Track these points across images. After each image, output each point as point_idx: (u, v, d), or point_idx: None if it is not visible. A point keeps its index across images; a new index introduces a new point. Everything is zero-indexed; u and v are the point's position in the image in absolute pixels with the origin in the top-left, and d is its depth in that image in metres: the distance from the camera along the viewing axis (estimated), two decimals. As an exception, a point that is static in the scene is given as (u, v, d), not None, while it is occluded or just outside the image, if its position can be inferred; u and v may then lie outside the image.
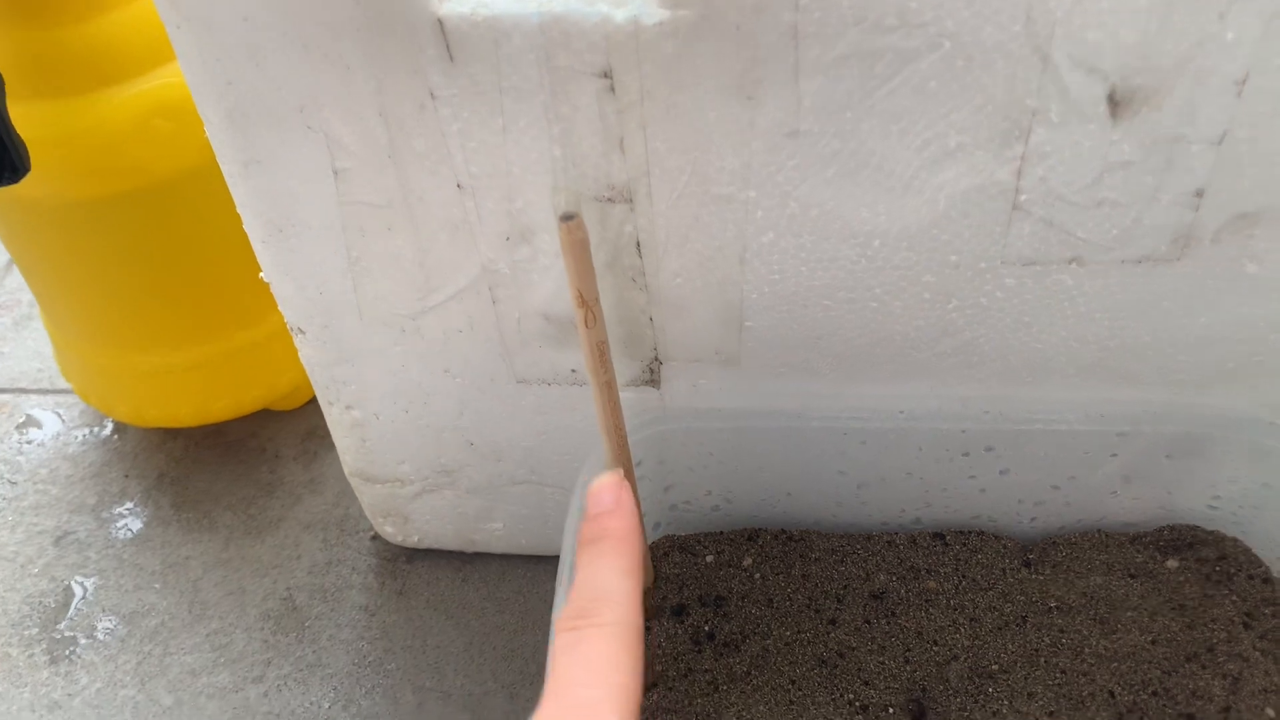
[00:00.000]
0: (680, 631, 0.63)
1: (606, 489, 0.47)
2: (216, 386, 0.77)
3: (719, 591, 0.65)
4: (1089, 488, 0.63)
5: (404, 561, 0.75)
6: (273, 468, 0.82)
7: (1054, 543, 0.66)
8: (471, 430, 0.64)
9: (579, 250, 0.49)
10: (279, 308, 0.59)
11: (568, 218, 0.48)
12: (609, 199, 0.51)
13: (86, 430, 0.85)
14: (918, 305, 0.55)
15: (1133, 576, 0.63)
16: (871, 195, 0.50)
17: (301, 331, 0.59)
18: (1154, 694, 0.58)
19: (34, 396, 0.88)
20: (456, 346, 0.59)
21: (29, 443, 0.84)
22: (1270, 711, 0.57)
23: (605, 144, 0.49)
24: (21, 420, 0.86)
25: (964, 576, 0.65)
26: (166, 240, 0.68)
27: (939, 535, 0.67)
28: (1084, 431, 0.60)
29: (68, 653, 0.71)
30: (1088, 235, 0.51)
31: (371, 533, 0.77)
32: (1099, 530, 0.66)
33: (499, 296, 0.56)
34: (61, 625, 0.72)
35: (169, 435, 0.84)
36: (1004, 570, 0.65)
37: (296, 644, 0.71)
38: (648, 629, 0.63)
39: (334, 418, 0.65)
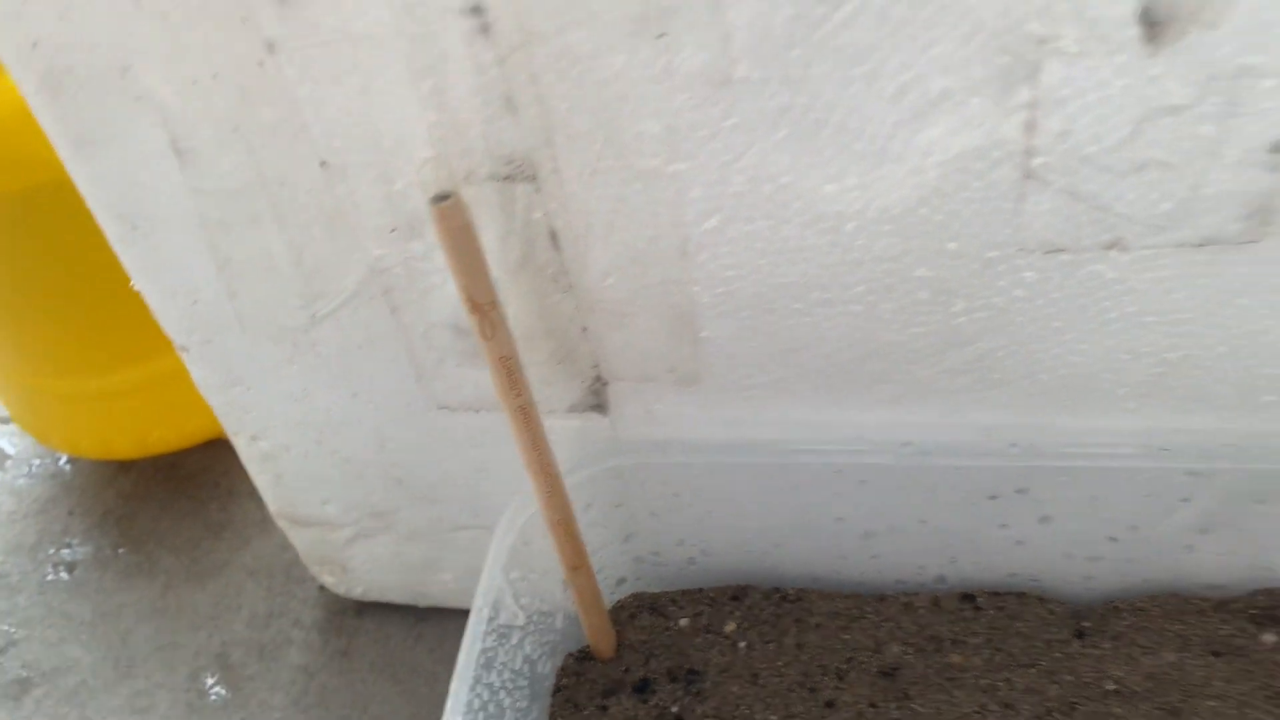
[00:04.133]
0: (642, 713, 0.52)
1: None
2: (152, 414, 0.69)
3: (693, 664, 0.54)
4: (1156, 540, 0.50)
5: (352, 615, 0.66)
6: (224, 505, 0.74)
7: (1115, 609, 0.52)
8: (397, 466, 0.55)
9: (461, 240, 0.39)
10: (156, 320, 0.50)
11: (441, 199, 0.38)
12: (507, 176, 0.41)
13: (39, 462, 0.78)
14: (913, 308, 0.43)
15: (1216, 654, 0.50)
16: (838, 163, 0.39)
17: (185, 349, 0.51)
18: (1243, 814, 0.45)
19: (-4, 426, 0.82)
20: (360, 365, 0.49)
21: (-23, 476, 0.78)
22: (1405, 845, 0.43)
23: (490, 104, 0.39)
24: (-26, 451, 0.80)
25: (998, 649, 0.52)
26: (75, 250, 0.61)
27: (968, 597, 0.54)
28: (1144, 469, 0.46)
29: (-23, 714, 0.63)
30: (1129, 210, 0.38)
31: (320, 582, 0.67)
32: (1173, 594, 0.52)
33: (397, 303, 0.46)
34: (-24, 682, 0.65)
35: (122, 468, 0.77)
36: (1049, 642, 0.52)
37: (223, 710, 0.62)
38: (604, 708, 0.52)
39: (243, 450, 0.56)
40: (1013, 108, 0.36)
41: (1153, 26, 0.34)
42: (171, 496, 0.74)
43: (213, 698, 0.63)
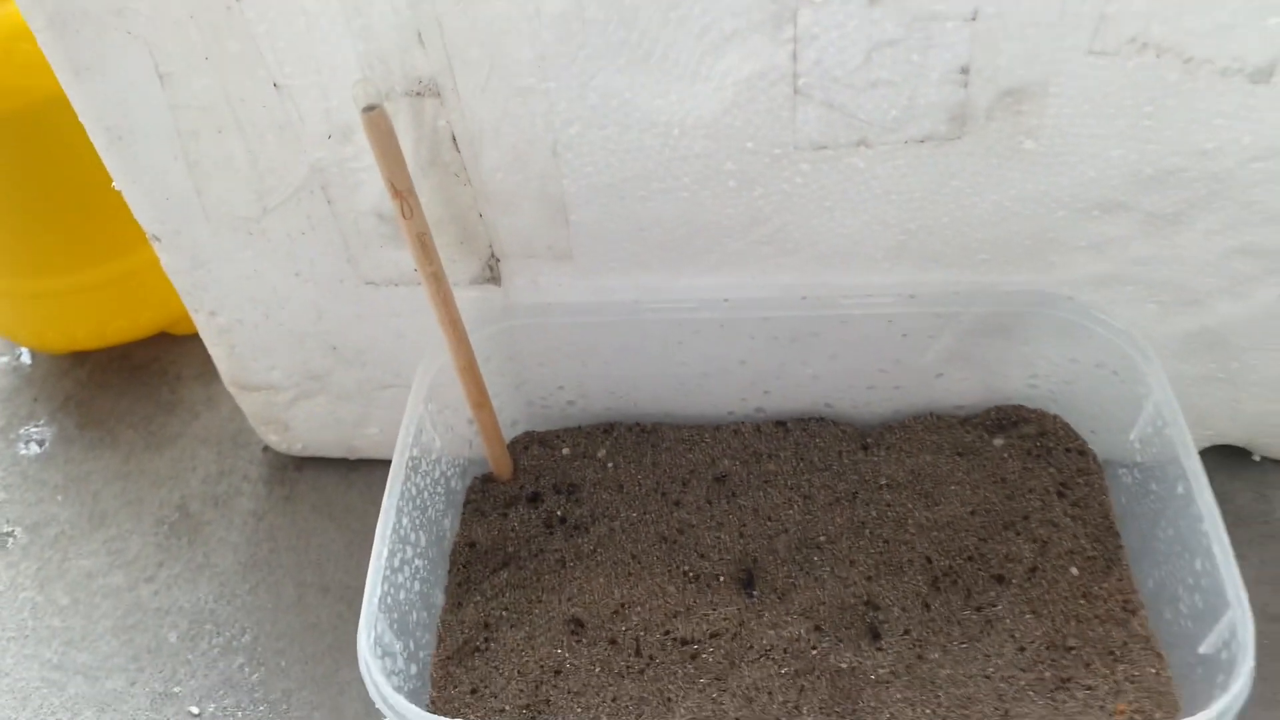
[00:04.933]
0: (534, 517, 0.67)
1: None
2: (111, 309, 0.80)
3: (573, 480, 0.69)
4: (916, 370, 0.66)
5: (293, 470, 0.79)
6: (173, 388, 0.86)
7: (890, 427, 0.69)
8: (332, 334, 0.68)
9: (385, 140, 0.53)
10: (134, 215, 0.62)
11: (369, 109, 0.52)
12: (418, 93, 0.54)
13: (2, 359, 0.89)
14: (725, 194, 0.58)
15: (960, 454, 0.67)
16: (663, 83, 0.53)
17: (157, 239, 0.63)
18: (969, 559, 0.62)
19: (-49, 330, 0.91)
20: (302, 249, 0.62)
21: (-57, 372, 0.88)
22: (1074, 570, 0.61)
23: (405, 38, 0.52)
24: (-63, 351, 0.90)
25: (802, 459, 0.68)
26: (45, 165, 0.71)
27: (781, 423, 0.70)
28: (900, 314, 0.63)
29: (-28, 561, 0.75)
30: (869, 117, 0.54)
31: (263, 445, 0.80)
32: (931, 413, 0.69)
33: (333, 196, 0.59)
34: (-33, 537, 0.77)
35: (77, 361, 0.88)
36: (841, 453, 0.68)
37: (188, 547, 0.75)
38: (504, 515, 0.67)
39: (202, 324, 0.68)
40: (782, 41, 0.51)
41: (870, -15, 0.49)
42: (125, 383, 0.86)
43: (178, 538, 0.75)
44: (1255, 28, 0.49)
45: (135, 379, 0.86)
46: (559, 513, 0.67)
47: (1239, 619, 0.49)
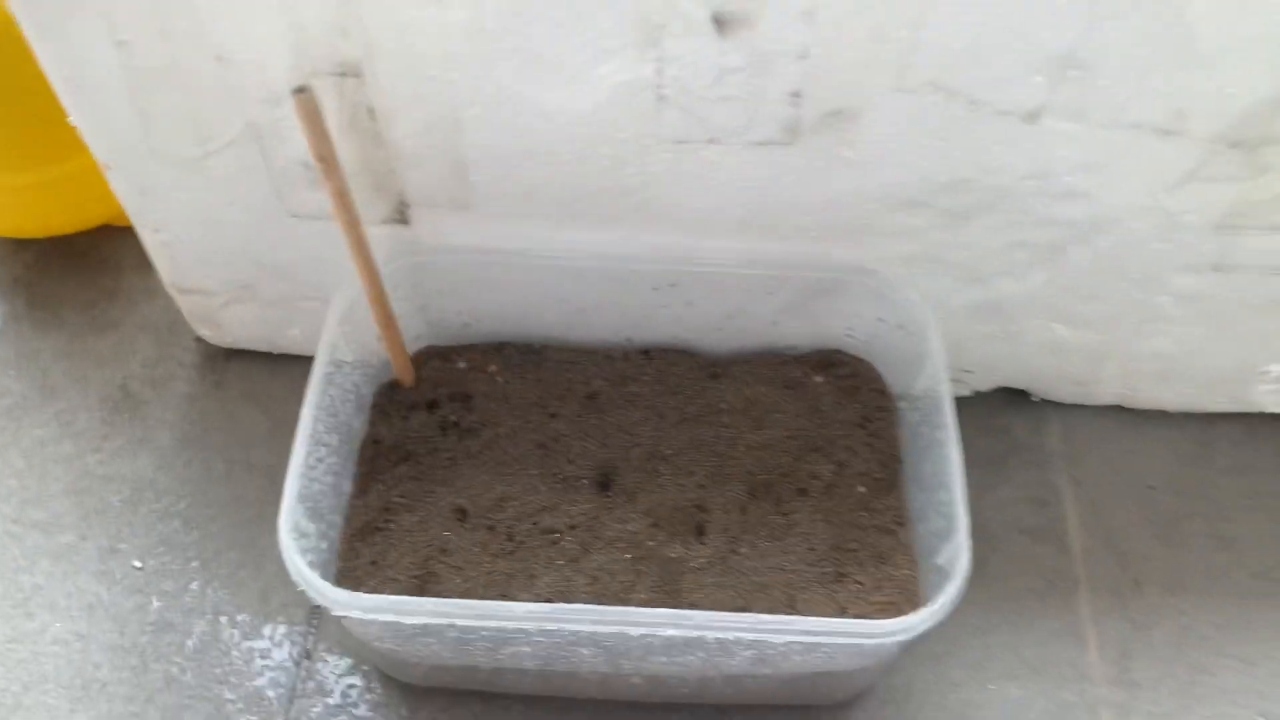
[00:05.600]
0: (431, 420, 0.80)
1: None
2: (56, 203, 0.89)
3: (467, 391, 0.82)
4: (756, 318, 0.79)
5: (222, 360, 0.90)
6: (114, 277, 0.95)
7: (735, 360, 0.83)
8: (260, 254, 0.78)
9: (312, 117, 0.62)
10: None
11: (300, 90, 0.61)
12: (341, 74, 0.64)
13: (-54, 240, 0.97)
14: (601, 170, 0.69)
15: (787, 388, 0.81)
16: (550, 82, 0.64)
17: (109, 167, 0.72)
18: (782, 474, 0.77)
19: (-100, 206, 0.98)
20: (237, 186, 0.72)
21: (-105, 248, 0.96)
22: (862, 489, 0.76)
23: (331, 30, 0.61)
24: (-112, 227, 0.97)
25: (660, 384, 0.82)
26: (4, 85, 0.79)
27: (645, 352, 0.83)
28: (745, 274, 0.75)
29: (-67, 426, 0.85)
30: (718, 123, 0.65)
31: (196, 335, 0.91)
32: (768, 351, 0.83)
33: (265, 147, 0.69)
34: (-73, 403, 0.87)
35: (23, 245, 0.96)
36: (693, 380, 0.82)
37: (129, 423, 0.86)
38: (406, 418, 0.80)
39: (146, 238, 0.78)
40: (649, 59, 0.62)
41: (722, 24, 0.60)
42: (69, 269, 0.95)
43: (120, 414, 0.87)
44: (1026, 82, 0.61)
45: (78, 266, 0.95)
46: (453, 418, 0.80)
47: (961, 543, 0.64)
